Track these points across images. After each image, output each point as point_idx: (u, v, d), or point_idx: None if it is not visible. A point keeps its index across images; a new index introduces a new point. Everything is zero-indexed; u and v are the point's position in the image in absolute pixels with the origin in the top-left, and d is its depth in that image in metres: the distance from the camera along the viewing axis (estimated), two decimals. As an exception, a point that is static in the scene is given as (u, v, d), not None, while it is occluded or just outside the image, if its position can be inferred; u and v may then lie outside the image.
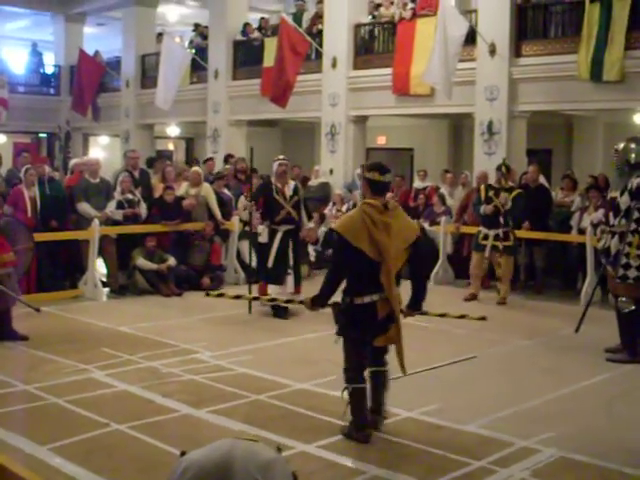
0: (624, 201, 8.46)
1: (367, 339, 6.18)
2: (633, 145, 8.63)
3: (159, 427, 6.29)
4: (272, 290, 10.76)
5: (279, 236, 10.87)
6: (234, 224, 13.59)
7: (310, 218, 11.73)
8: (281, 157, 11.60)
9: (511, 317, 11.18)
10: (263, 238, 10.99)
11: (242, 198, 12.89)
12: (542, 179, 14.17)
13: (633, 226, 8.40)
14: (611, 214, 8.70)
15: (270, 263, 10.82)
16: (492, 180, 12.91)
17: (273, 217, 10.90)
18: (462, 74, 15.31)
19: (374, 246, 5.98)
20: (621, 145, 8.78)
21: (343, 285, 6.49)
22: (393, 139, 22.05)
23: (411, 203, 16.14)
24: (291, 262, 10.91)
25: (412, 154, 21.93)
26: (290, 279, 10.88)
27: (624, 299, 8.60)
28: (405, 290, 6.38)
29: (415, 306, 6.42)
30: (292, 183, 11.25)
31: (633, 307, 8.54)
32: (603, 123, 18.33)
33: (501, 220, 11.94)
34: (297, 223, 11.09)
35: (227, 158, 17.30)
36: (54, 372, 7.80)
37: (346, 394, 6.21)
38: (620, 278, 8.52)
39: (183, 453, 1.68)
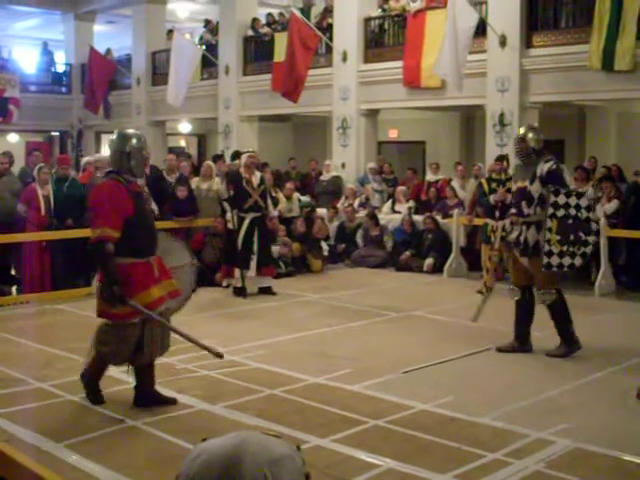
0: (535, 189, 8.41)
1: None
2: (531, 134, 8.63)
3: (174, 423, 6.30)
4: (239, 273, 11.70)
5: (246, 223, 11.76)
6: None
7: (275, 207, 12.74)
8: (251, 150, 12.73)
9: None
10: (231, 224, 11.80)
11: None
12: (566, 172, 14.10)
13: (550, 210, 8.31)
14: (523, 204, 8.56)
15: (238, 248, 11.62)
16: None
17: (241, 205, 11.74)
18: (473, 66, 15.28)
19: None
20: (520, 133, 8.76)
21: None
22: (405, 132, 22.03)
23: (423, 196, 16.13)
24: (255, 247, 11.81)
25: (424, 147, 21.91)
26: (252, 263, 11.81)
27: (542, 291, 8.44)
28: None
29: None
30: (258, 174, 12.11)
31: (554, 298, 8.44)
32: (615, 113, 18.27)
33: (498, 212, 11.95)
34: (263, 211, 11.97)
35: (235, 155, 17.27)
36: (69, 369, 7.82)
37: None
38: (545, 267, 8.33)
39: (204, 440, 1.68)
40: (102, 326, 6.74)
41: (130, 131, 7.16)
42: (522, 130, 8.82)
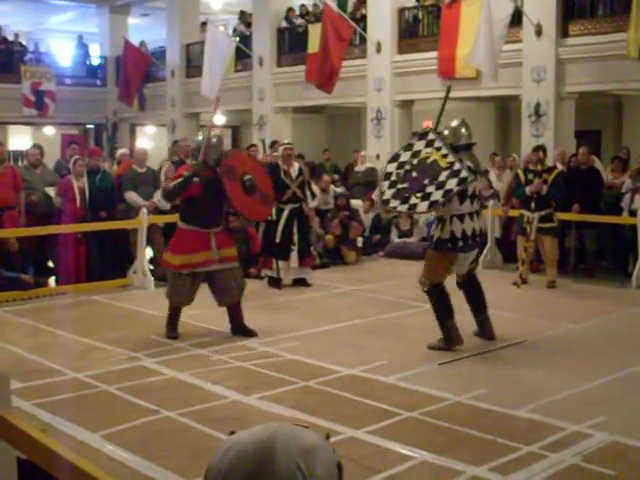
0: (472, 185, 8.31)
1: None
2: (463, 129, 8.55)
3: (208, 414, 6.32)
4: (281, 265, 11.78)
5: (285, 214, 11.81)
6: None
7: (313, 197, 12.64)
8: (286, 141, 13.03)
9: (561, 301, 11.07)
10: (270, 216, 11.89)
11: None
12: (597, 162, 14.00)
13: (475, 207, 8.44)
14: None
15: (277, 239, 11.70)
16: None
17: (280, 196, 11.71)
18: (508, 56, 15.15)
19: None
20: (453, 125, 8.66)
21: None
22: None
23: (458, 187, 16.02)
24: (295, 238, 11.91)
25: (458, 138, 21.74)
26: (294, 254, 11.90)
27: (420, 279, 8.46)
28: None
29: None
30: (296, 165, 12.26)
31: (424, 289, 8.46)
32: (653, 103, 18.05)
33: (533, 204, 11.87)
34: (302, 202, 12.04)
35: (272, 145, 17.29)
36: (104, 360, 7.89)
37: None
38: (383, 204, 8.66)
39: (232, 433, 1.67)
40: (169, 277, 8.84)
41: (210, 133, 9.03)
42: (455, 123, 8.76)
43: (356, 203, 15.84)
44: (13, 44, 26.99)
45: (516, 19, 15.25)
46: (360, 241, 14.97)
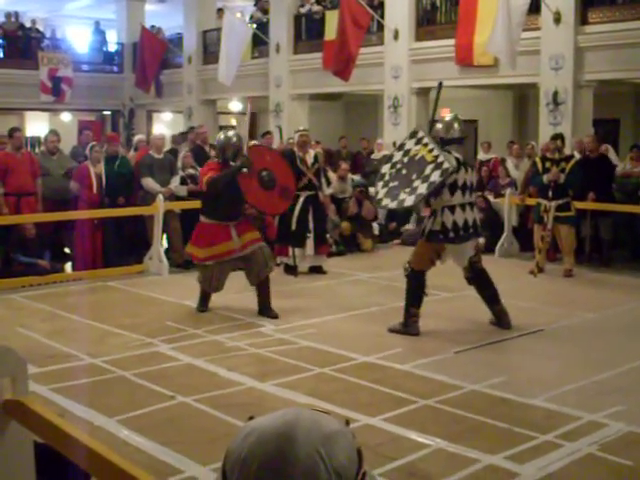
0: (461, 176, 8.33)
1: None
2: (456, 124, 8.59)
3: (224, 400, 6.33)
4: (297, 252, 11.72)
5: (301, 201, 11.73)
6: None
7: (329, 184, 12.71)
8: (301, 128, 12.75)
9: (577, 290, 11.03)
10: None
11: None
12: (611, 152, 13.89)
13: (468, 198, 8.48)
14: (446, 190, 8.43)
15: (293, 227, 11.71)
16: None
17: (296, 183, 11.57)
18: (526, 43, 15.05)
19: None
20: (446, 119, 8.72)
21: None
22: (456, 111, 21.58)
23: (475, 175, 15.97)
24: (311, 225, 11.85)
25: (476, 126, 21.67)
26: (310, 242, 11.83)
27: (406, 263, 8.62)
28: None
29: None
30: (312, 152, 12.21)
31: (406, 274, 8.61)
32: (673, 91, 17.92)
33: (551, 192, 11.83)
34: (318, 189, 11.99)
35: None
36: (120, 345, 7.91)
37: None
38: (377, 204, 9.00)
39: (251, 418, 1.65)
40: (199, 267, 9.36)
41: (230, 133, 9.40)
42: (449, 117, 8.84)
43: (372, 191, 15.78)
44: (30, 30, 27.05)
45: (534, 6, 15.13)
46: (376, 229, 14.95)
